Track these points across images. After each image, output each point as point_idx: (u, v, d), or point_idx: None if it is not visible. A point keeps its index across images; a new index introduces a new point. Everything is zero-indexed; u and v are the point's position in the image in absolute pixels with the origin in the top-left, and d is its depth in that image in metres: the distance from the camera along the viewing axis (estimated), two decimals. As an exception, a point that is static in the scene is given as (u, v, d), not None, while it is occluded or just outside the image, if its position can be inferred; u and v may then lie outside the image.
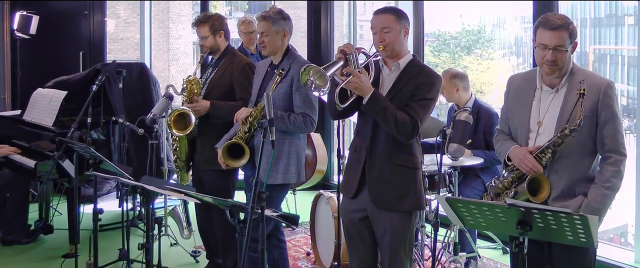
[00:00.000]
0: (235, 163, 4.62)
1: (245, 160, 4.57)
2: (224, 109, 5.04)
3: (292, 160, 4.60)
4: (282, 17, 4.63)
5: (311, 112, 4.52)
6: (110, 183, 8.15)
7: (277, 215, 3.50)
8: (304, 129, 4.53)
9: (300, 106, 4.50)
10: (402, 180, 3.77)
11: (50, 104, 6.37)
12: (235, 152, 4.61)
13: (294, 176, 4.62)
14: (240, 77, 5.12)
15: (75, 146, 4.99)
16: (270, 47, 4.62)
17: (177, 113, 5.04)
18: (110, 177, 4.65)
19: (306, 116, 4.50)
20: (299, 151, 4.64)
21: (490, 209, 3.04)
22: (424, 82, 3.73)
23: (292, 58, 4.64)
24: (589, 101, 3.33)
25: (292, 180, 4.63)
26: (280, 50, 4.66)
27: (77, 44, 8.98)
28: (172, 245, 6.36)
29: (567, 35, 3.38)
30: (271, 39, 4.60)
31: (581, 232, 2.83)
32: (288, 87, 4.52)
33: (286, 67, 4.52)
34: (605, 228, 6.67)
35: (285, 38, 4.65)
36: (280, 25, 4.60)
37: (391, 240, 3.80)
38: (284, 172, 4.57)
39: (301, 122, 4.49)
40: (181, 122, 5.06)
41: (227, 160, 4.62)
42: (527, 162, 3.44)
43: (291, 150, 4.59)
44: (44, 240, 6.54)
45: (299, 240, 6.70)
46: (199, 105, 5.05)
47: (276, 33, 4.59)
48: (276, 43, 4.62)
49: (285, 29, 4.63)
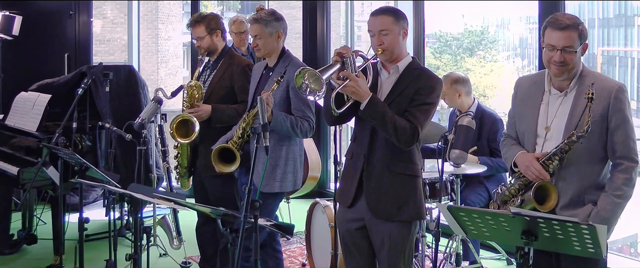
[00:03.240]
0: (225, 168, 4.60)
1: (235, 167, 4.55)
2: (226, 112, 5.04)
3: (289, 167, 4.59)
4: (275, 18, 4.61)
5: (313, 116, 4.53)
6: (97, 191, 8.12)
7: (271, 225, 3.50)
8: (308, 134, 4.54)
9: (301, 110, 4.49)
10: (401, 189, 3.76)
11: (33, 108, 6.35)
12: (226, 157, 4.60)
13: (291, 184, 4.62)
14: (240, 79, 5.11)
15: (60, 152, 4.97)
16: (265, 49, 4.61)
17: (179, 119, 5.02)
18: (96, 184, 4.63)
19: (310, 121, 4.51)
20: (296, 157, 4.64)
21: (494, 218, 3.03)
22: (424, 86, 3.72)
23: (287, 60, 4.64)
24: (599, 105, 3.33)
25: (288, 188, 4.63)
26: (275, 52, 4.65)
27: (62, 46, 8.97)
28: (161, 256, 6.33)
29: (577, 35, 3.37)
30: (265, 42, 4.59)
31: (589, 242, 2.83)
32: (284, 92, 4.51)
33: (282, 71, 4.51)
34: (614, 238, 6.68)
35: (280, 39, 4.64)
36: (273, 27, 4.59)
37: (390, 251, 3.79)
38: (281, 180, 4.56)
39: (307, 127, 4.49)
40: (183, 128, 5.04)
41: (218, 164, 4.62)
42: (533, 169, 3.43)
43: (288, 157, 4.58)
44: (27, 251, 6.52)
45: (294, 250, 6.69)
46: (200, 110, 5.04)
47: (270, 35, 4.58)
48: (270, 45, 4.61)
49: (279, 30, 4.62)
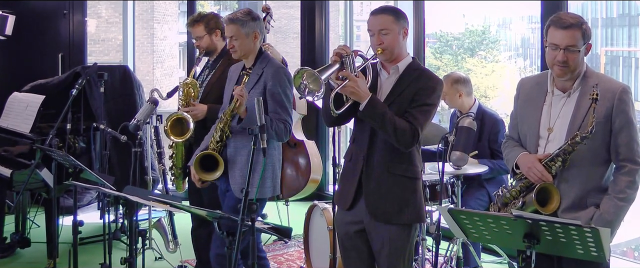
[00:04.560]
0: (209, 176, 4.57)
1: (219, 172, 4.53)
2: None
3: (268, 172, 4.57)
4: (251, 18, 4.57)
5: (289, 119, 4.51)
6: (91, 194, 8.12)
7: (269, 228, 3.49)
8: (284, 137, 4.51)
9: (277, 112, 4.47)
10: (401, 191, 3.76)
11: (27, 109, 6.35)
12: (208, 164, 4.57)
13: (270, 190, 4.60)
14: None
15: (54, 154, 4.97)
16: (241, 50, 4.58)
17: (174, 118, 5.02)
18: (91, 187, 4.64)
19: (286, 123, 4.48)
20: (274, 163, 4.62)
21: (496, 221, 3.04)
22: (425, 87, 3.73)
23: (265, 61, 4.61)
24: (603, 107, 3.34)
25: (267, 195, 4.60)
26: (252, 53, 4.62)
27: (56, 46, 8.94)
28: (157, 260, 6.33)
29: (580, 34, 3.38)
30: (241, 43, 4.55)
31: (592, 245, 2.83)
32: (261, 93, 4.47)
33: (260, 72, 4.50)
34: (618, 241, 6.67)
35: (257, 40, 4.61)
36: (250, 27, 4.55)
37: (389, 255, 3.79)
38: (261, 186, 4.51)
39: (282, 129, 4.46)
40: (178, 127, 5.04)
41: (201, 174, 4.59)
42: (535, 170, 3.43)
43: (267, 162, 4.52)
44: (20, 255, 6.50)
45: (291, 254, 6.68)
46: (196, 110, 5.03)
47: (246, 36, 4.54)
48: (247, 46, 4.58)
49: (255, 31, 4.58)
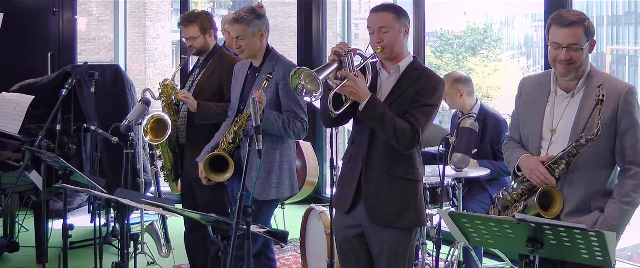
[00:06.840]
0: (219, 177, 4.58)
1: (229, 174, 4.54)
2: (212, 109, 5.04)
3: (285, 172, 4.58)
4: (256, 16, 4.58)
5: (306, 116, 4.52)
6: (82, 197, 8.12)
7: (265, 232, 3.49)
8: (301, 135, 4.53)
9: (293, 111, 4.48)
10: (402, 194, 3.77)
11: (15, 109, 6.34)
12: (218, 165, 4.58)
13: (288, 190, 4.61)
14: (229, 78, 5.10)
15: (43, 156, 4.97)
16: (249, 50, 4.59)
17: (154, 119, 5.03)
18: (81, 189, 4.64)
19: (303, 121, 4.50)
20: (291, 162, 4.63)
21: (498, 225, 3.04)
22: (426, 87, 3.73)
23: (274, 59, 4.62)
24: (608, 108, 3.33)
25: (285, 195, 4.62)
26: (259, 52, 4.64)
27: (46, 44, 8.94)
28: (149, 265, 6.33)
29: (583, 32, 3.37)
30: (248, 42, 4.56)
31: (598, 250, 2.84)
32: (273, 93, 4.49)
33: (270, 70, 4.49)
34: (624, 245, 6.68)
35: (263, 38, 4.62)
36: (255, 26, 4.56)
37: (389, 260, 3.79)
38: (278, 186, 4.54)
39: (300, 128, 4.48)
40: (160, 128, 5.05)
41: (210, 174, 4.60)
42: (538, 173, 3.43)
43: (283, 161, 4.56)
44: (8, 259, 6.50)
45: (288, 258, 6.69)
46: (190, 100, 5.03)
47: (253, 35, 4.55)
48: (254, 45, 4.59)
49: (261, 29, 4.59)
